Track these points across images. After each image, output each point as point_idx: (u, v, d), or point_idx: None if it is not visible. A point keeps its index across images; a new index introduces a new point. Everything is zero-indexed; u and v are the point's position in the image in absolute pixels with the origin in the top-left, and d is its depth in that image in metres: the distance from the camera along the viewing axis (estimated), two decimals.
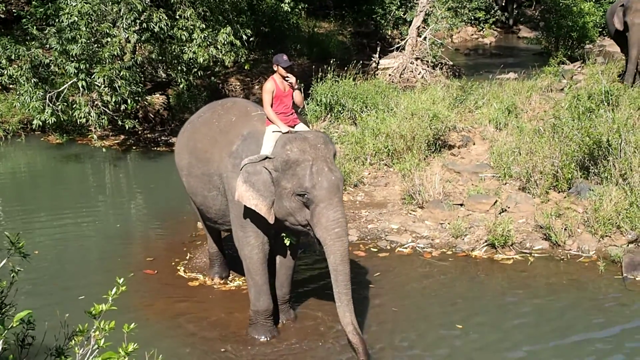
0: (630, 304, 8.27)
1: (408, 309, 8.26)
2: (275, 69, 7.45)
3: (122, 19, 14.86)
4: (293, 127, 7.32)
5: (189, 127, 8.50)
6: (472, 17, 28.00)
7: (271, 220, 7.09)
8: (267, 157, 6.99)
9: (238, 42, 15.81)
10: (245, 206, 7.12)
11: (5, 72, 14.98)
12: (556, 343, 7.42)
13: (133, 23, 15.05)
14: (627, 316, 7.99)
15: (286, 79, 7.40)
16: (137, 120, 16.11)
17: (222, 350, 7.43)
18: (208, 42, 15.29)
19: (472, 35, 34.28)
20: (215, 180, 7.66)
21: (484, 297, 8.54)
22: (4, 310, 4.08)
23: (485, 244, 9.73)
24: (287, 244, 7.53)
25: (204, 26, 15.28)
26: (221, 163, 7.53)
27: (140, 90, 15.59)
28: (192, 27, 15.21)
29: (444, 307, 8.29)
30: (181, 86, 16.38)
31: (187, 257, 9.80)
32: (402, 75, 20.89)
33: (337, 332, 7.62)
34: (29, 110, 14.92)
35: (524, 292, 8.60)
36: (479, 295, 8.58)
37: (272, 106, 7.29)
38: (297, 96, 7.51)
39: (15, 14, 18.41)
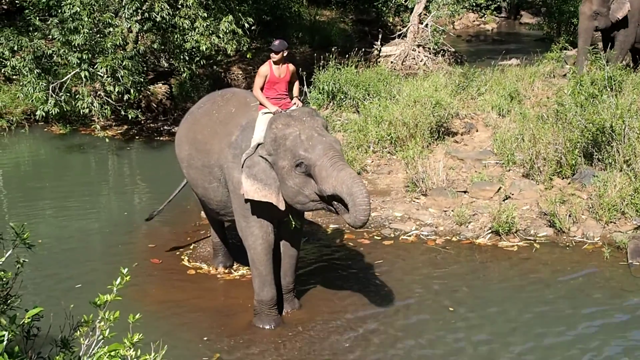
0: (636, 291, 8.26)
1: (412, 296, 8.27)
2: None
3: (124, 9, 14.86)
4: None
5: (189, 119, 8.48)
6: (474, 4, 27.75)
7: (282, 207, 7.04)
8: (258, 145, 7.00)
9: (240, 31, 15.78)
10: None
11: (9, 63, 15.00)
12: (560, 330, 7.43)
13: (135, 13, 15.01)
14: (633, 303, 7.99)
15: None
16: (139, 110, 16.06)
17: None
18: (210, 31, 15.25)
19: (474, 21, 34.12)
20: (216, 171, 7.64)
21: (488, 285, 8.55)
22: (9, 301, 4.08)
23: (489, 231, 9.73)
24: (292, 227, 7.47)
25: (205, 15, 15.25)
26: (221, 154, 7.51)
27: (142, 80, 15.59)
28: (194, 15, 15.19)
29: (447, 294, 8.30)
30: (184, 75, 16.35)
31: (191, 247, 9.82)
32: (404, 63, 20.83)
33: (342, 322, 7.65)
34: (32, 101, 14.90)
35: (529, 279, 8.60)
36: (483, 283, 8.59)
37: (262, 90, 7.31)
38: (295, 88, 7.61)
39: (18, 5, 18.29)
